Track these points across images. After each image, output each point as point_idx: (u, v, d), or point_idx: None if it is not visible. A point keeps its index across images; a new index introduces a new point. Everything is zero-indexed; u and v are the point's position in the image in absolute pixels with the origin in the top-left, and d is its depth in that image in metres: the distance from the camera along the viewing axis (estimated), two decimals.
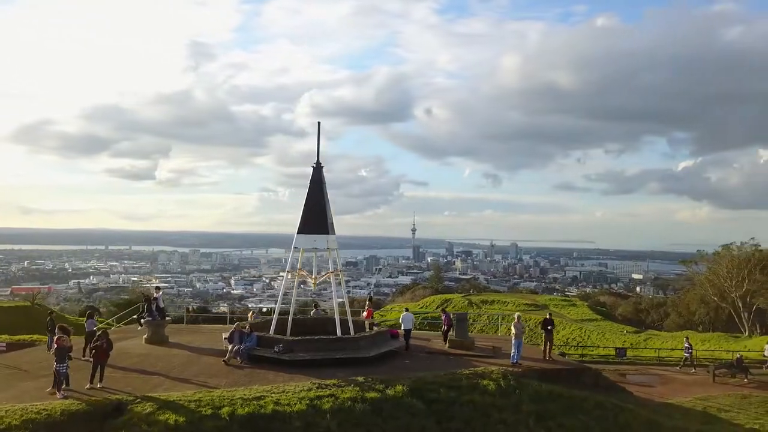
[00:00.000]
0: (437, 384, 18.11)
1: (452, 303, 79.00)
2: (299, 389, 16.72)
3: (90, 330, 20.81)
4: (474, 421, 16.77)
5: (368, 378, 18.00)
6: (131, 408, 14.93)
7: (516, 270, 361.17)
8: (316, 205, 22.49)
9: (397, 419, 16.07)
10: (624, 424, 18.17)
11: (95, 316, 22.03)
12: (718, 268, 77.35)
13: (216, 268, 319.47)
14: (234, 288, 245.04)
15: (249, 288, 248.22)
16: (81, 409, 14.72)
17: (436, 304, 79.50)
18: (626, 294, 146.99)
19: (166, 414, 14.52)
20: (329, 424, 15.10)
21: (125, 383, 17.07)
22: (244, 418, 14.76)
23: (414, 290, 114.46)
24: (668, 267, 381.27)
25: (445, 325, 24.53)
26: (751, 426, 20.10)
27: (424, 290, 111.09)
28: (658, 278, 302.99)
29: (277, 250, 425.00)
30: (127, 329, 27.97)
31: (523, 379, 19.25)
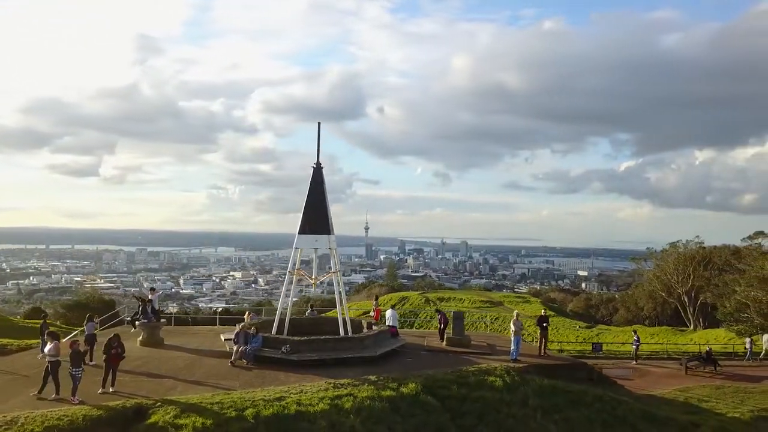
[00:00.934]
0: (447, 381, 18.54)
1: (409, 300, 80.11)
2: (317, 389, 16.86)
3: (90, 333, 20.29)
4: (486, 416, 17.26)
5: (380, 377, 18.27)
6: (152, 412, 14.76)
7: (466, 267, 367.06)
8: (318, 205, 22.56)
9: (414, 416, 16.42)
10: (622, 416, 19.02)
11: (95, 319, 21.44)
12: (666, 265, 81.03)
13: (164, 267, 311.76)
14: (183, 288, 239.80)
15: (198, 287, 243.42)
16: (102, 414, 14.47)
17: (393, 302, 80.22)
18: (574, 290, 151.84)
19: (191, 417, 14.42)
20: (353, 423, 15.30)
21: (136, 387, 16.82)
22: (270, 419, 14.79)
23: (370, 288, 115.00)
24: (611, 264, 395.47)
25: (442, 324, 24.99)
26: (732, 415, 21.35)
27: (380, 288, 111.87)
28: (602, 275, 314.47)
29: (226, 248, 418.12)
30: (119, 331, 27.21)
31: (525, 375, 19.90)
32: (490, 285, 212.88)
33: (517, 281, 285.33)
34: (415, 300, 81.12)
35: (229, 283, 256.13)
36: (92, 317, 20.99)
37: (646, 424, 19.03)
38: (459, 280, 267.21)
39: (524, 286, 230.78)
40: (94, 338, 20.32)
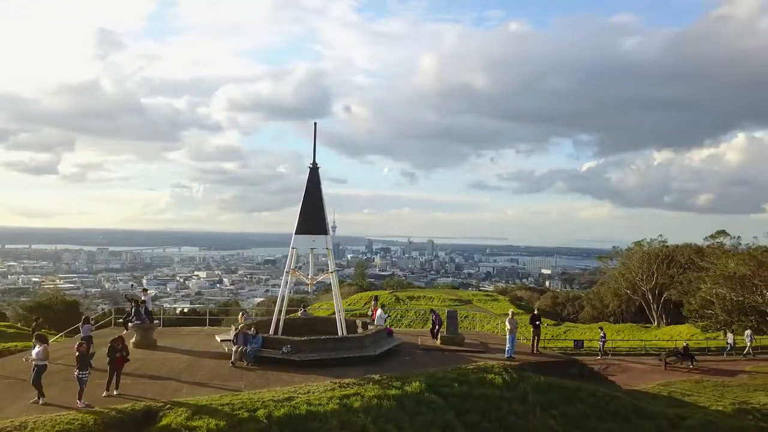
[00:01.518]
0: (448, 379, 18.85)
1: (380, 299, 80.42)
2: (323, 389, 16.95)
3: (86, 335, 19.89)
4: (488, 413, 17.61)
5: (383, 376, 18.47)
6: (163, 414, 14.64)
7: (433, 266, 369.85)
8: (315, 205, 22.62)
9: (421, 414, 16.66)
10: (615, 410, 19.65)
11: (91, 321, 21.03)
12: (631, 263, 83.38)
13: (126, 267, 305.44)
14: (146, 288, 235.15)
15: (162, 288, 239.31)
16: (113, 418, 14.29)
17: (364, 301, 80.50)
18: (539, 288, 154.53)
19: (204, 419, 14.36)
20: (364, 422, 15.45)
21: (141, 389, 16.64)
22: (282, 419, 14.84)
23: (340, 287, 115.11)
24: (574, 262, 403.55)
25: (436, 324, 25.28)
26: (716, 408, 22.24)
27: (350, 287, 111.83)
28: (565, 273, 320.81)
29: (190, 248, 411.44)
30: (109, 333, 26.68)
31: (522, 372, 20.35)
32: (456, 283, 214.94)
33: (482, 279, 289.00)
34: (386, 299, 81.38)
35: (193, 283, 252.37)
36: (88, 319, 20.62)
37: (638, 418, 19.70)
38: (425, 279, 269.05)
39: (489, 284, 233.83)
40: (90, 340, 19.95)
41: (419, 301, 79.48)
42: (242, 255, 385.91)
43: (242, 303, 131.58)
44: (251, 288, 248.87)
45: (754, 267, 52.96)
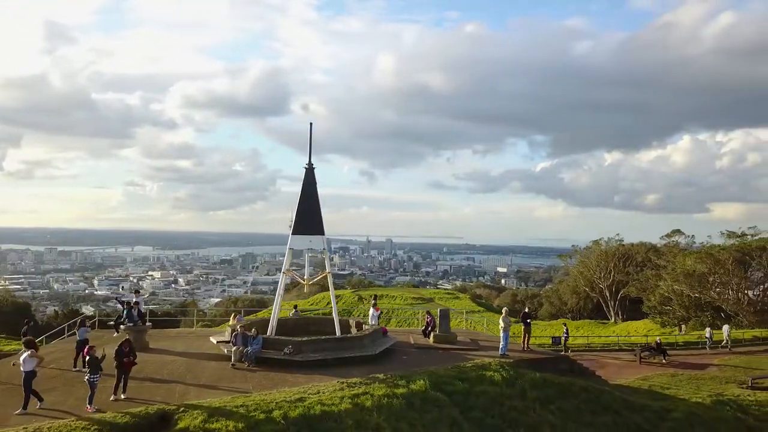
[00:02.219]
0: (450, 377, 19.21)
1: (342, 299, 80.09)
2: (332, 389, 17.06)
3: (82, 338, 19.34)
4: (490, 409, 18.05)
5: (387, 375, 18.69)
6: (178, 417, 14.51)
7: (391, 265, 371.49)
8: (311, 205, 22.65)
9: (428, 412, 16.97)
10: (606, 404, 20.39)
11: (87, 323, 20.47)
12: (589, 261, 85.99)
13: (76, 267, 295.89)
14: (98, 288, 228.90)
15: (115, 288, 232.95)
16: (128, 422, 14.09)
17: (327, 301, 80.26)
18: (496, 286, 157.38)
19: (221, 421, 14.31)
20: (377, 421, 15.66)
21: (148, 393, 16.42)
22: (298, 420, 14.90)
23: (300, 287, 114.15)
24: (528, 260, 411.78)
25: (430, 325, 25.64)
26: (695, 400, 23.27)
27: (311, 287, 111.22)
28: (521, 271, 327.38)
29: (144, 247, 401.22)
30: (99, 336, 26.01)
31: (518, 369, 20.89)
32: (414, 282, 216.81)
33: (440, 278, 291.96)
34: (348, 298, 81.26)
35: (147, 283, 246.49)
36: (84, 321, 20.05)
37: (628, 411, 20.48)
38: (385, 278, 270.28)
39: (447, 282, 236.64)
40: (86, 343, 19.43)
41: (382, 300, 79.22)
42: (197, 255, 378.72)
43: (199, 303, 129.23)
44: (207, 288, 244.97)
45: (711, 265, 55.43)
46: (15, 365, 15.52)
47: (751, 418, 22.48)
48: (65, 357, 20.78)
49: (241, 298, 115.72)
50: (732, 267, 54.02)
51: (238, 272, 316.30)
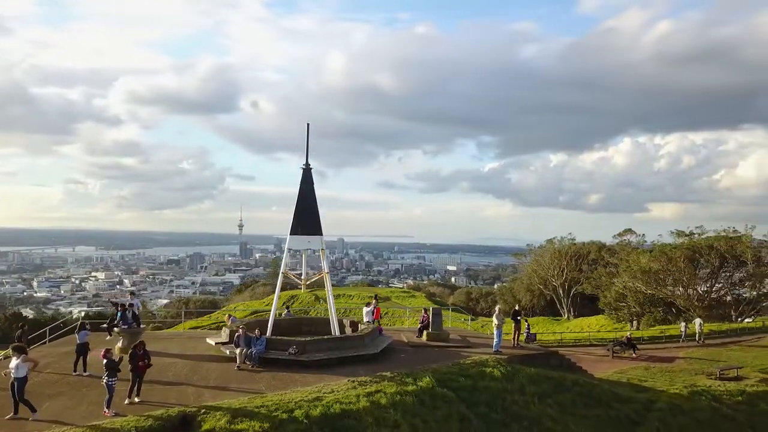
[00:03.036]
0: (453, 374, 19.70)
1: (299, 299, 79.30)
2: (345, 388, 17.28)
3: (82, 342, 18.81)
4: (494, 404, 18.64)
5: (394, 373, 19.01)
6: (201, 419, 14.47)
7: (343, 264, 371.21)
8: (309, 206, 22.72)
9: (438, 408, 17.42)
10: (597, 397, 21.34)
11: (87, 326, 19.86)
12: (543, 260, 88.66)
13: (13, 268, 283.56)
14: (37, 290, 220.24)
15: (55, 290, 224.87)
16: (152, 425, 13.94)
17: (283, 301, 79.61)
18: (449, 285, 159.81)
19: (245, 421, 14.36)
20: (395, 417, 16.01)
21: (161, 395, 16.24)
22: (319, 419, 15.08)
23: (253, 288, 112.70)
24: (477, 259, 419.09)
25: (423, 322, 26.06)
26: (674, 391, 24.57)
27: (264, 287, 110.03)
28: (470, 269, 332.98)
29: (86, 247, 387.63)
30: None
31: (514, 365, 21.59)
32: (366, 281, 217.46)
33: (391, 276, 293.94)
34: (305, 298, 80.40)
35: (90, 284, 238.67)
36: (84, 324, 19.47)
37: (617, 403, 21.49)
38: (336, 277, 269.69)
39: (398, 281, 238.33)
40: (87, 347, 18.96)
41: (339, 300, 78.93)
42: (143, 255, 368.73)
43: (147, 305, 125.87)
44: (154, 289, 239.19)
45: (664, 263, 58.07)
46: (6, 374, 14.62)
47: (725, 406, 23.89)
48: (58, 361, 20.29)
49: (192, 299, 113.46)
50: (684, 265, 56.77)
51: (186, 273, 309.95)
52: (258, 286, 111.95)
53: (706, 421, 22.33)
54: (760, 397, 25.23)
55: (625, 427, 20.33)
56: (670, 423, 21.23)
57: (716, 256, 56.44)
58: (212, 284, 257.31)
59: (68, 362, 19.23)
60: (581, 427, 19.35)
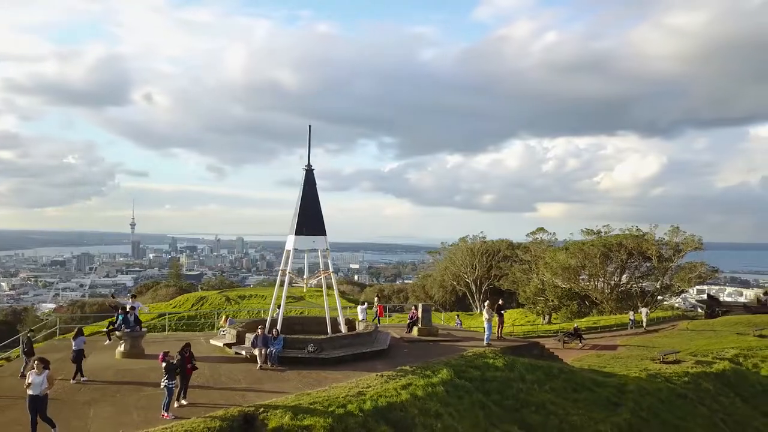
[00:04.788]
0: (463, 366, 20.93)
1: (209, 300, 77.28)
2: (377, 382, 17.98)
3: (78, 348, 18.08)
4: (504, 391, 20.08)
5: (413, 367, 19.95)
6: (264, 418, 14.69)
7: (243, 264, 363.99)
8: (312, 206, 22.99)
9: (462, 398, 18.58)
10: (581, 382, 23.40)
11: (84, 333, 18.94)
12: (455, 257, 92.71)
13: None
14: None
15: None
16: (220, 426, 14.01)
17: (191, 303, 77.67)
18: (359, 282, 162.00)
19: (308, 418, 14.75)
20: (435, 408, 16.97)
21: (205, 397, 16.22)
22: (372, 411, 15.74)
23: (155, 289, 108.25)
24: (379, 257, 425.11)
25: (412, 318, 27.03)
26: (634, 375, 27.23)
27: (168, 289, 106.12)
28: (372, 267, 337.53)
29: None
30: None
31: (508, 356, 23.18)
32: (269, 281, 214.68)
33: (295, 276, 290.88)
34: (215, 299, 78.25)
35: None
36: (81, 331, 18.63)
37: (596, 387, 23.64)
38: (237, 278, 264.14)
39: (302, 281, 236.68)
40: (82, 354, 18.27)
41: (251, 300, 78.08)
42: (23, 256, 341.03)
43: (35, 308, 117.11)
44: (37, 293, 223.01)
45: (581, 259, 62.84)
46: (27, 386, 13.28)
47: (678, 386, 26.89)
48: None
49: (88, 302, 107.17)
50: (598, 260, 61.77)
51: (73, 274, 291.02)
52: (160, 288, 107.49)
53: (666, 400, 25.04)
54: (701, 377, 28.52)
55: (608, 408, 22.45)
56: (641, 402, 23.64)
57: (625, 252, 61.85)
58: (103, 286, 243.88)
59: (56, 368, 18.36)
60: (576, 409, 21.26)
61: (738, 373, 30.02)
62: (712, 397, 26.76)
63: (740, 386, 28.77)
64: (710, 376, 28.58)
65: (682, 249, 59.83)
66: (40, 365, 13.38)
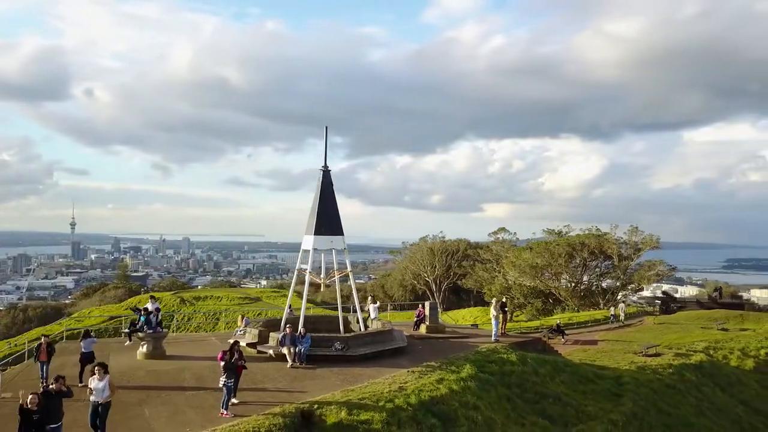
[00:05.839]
0: (482, 362, 21.68)
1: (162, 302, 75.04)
2: (411, 378, 18.53)
3: (87, 350, 17.62)
4: (522, 384, 20.99)
5: (438, 362, 20.58)
6: (321, 413, 15.02)
7: (190, 265, 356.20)
8: (330, 207, 23.25)
9: (489, 391, 19.34)
10: (585, 375, 24.59)
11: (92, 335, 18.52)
12: (415, 257, 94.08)
13: None
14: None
15: None
16: (282, 422, 14.24)
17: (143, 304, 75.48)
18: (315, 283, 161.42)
19: (364, 412, 15.19)
20: (473, 401, 17.69)
21: (254, 396, 16.44)
22: (419, 405, 16.34)
23: (103, 291, 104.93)
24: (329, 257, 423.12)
25: (419, 316, 27.60)
26: (626, 368, 28.69)
27: (117, 290, 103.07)
28: None
29: None
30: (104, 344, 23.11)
31: (519, 351, 24.11)
32: (217, 282, 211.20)
33: (243, 277, 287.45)
34: (169, 301, 76.23)
35: None
36: (89, 333, 18.20)
37: (598, 379, 24.89)
38: (183, 279, 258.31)
39: (251, 281, 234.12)
40: (92, 356, 17.81)
41: (207, 302, 76.25)
42: None
43: None
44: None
45: (548, 258, 64.92)
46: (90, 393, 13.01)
47: (665, 377, 28.51)
48: None
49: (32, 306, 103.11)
50: (563, 260, 63.99)
51: (9, 276, 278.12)
52: (108, 290, 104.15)
53: (659, 390, 26.53)
54: (683, 369, 30.25)
55: (611, 399, 23.69)
56: (638, 393, 25.01)
57: (587, 252, 64.31)
58: (42, 288, 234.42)
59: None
60: (586, 400, 22.39)
61: (713, 364, 32.00)
62: (696, 386, 28.46)
63: (717, 376, 30.67)
64: (690, 368, 30.32)
65: (641, 248, 62.61)
66: (101, 370, 13.10)
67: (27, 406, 10.68)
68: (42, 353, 16.58)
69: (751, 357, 34.00)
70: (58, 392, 11.42)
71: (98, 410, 12.77)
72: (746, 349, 35.06)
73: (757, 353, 34.62)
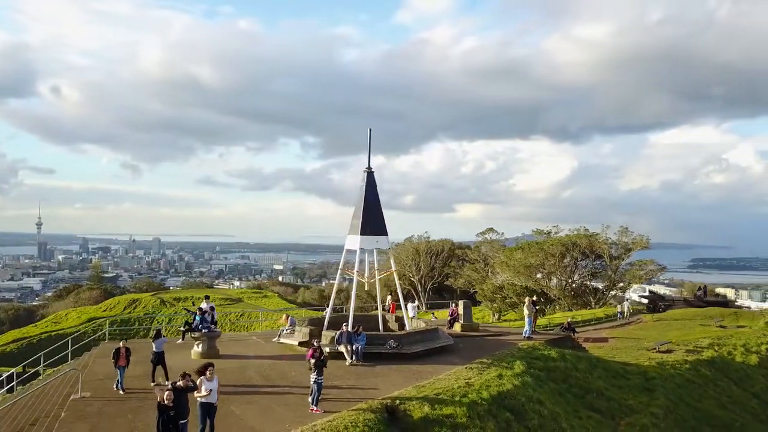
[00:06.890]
0: (527, 358, 22.28)
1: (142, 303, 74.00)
2: (472, 374, 19.02)
3: (159, 350, 17.70)
4: (567, 380, 21.69)
5: (491, 359, 21.12)
6: (405, 409, 15.41)
7: (160, 265, 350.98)
8: (375, 207, 23.56)
9: (541, 386, 19.95)
10: (616, 371, 25.42)
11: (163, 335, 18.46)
12: (400, 257, 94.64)
13: None
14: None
15: None
16: (372, 418, 14.56)
17: (123, 306, 74.82)
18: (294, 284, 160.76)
19: (444, 407, 15.67)
20: (534, 395, 18.27)
21: (331, 394, 16.63)
22: (491, 400, 16.87)
23: (78, 293, 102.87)
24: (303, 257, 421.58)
25: (452, 315, 28.13)
26: (648, 364, 29.65)
27: (91, 292, 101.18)
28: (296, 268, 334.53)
29: None
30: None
31: (554, 348, 24.79)
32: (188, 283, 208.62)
33: (215, 278, 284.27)
34: (149, 302, 75.08)
35: None
36: (160, 333, 18.18)
37: (629, 375, 25.77)
38: (156, 279, 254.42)
39: (223, 282, 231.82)
40: (163, 355, 17.89)
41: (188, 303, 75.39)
42: None
43: None
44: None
45: (542, 257, 66.07)
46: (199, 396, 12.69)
47: (684, 373, 29.57)
48: None
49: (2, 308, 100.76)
50: (557, 259, 65.24)
51: None
52: (83, 291, 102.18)
53: (682, 385, 27.56)
54: (698, 364, 31.40)
55: (643, 393, 24.58)
56: (666, 388, 25.98)
57: (578, 251, 65.69)
58: (7, 290, 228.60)
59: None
60: (624, 395, 23.19)
61: (723, 360, 33.24)
62: (712, 381, 29.57)
63: (728, 371, 31.87)
64: (704, 363, 31.44)
65: (631, 248, 64.20)
66: (213, 370, 13.12)
67: (164, 402, 10.82)
68: (122, 358, 16.56)
69: (753, 352, 35.26)
70: (185, 388, 11.56)
71: (210, 410, 12.70)
72: (748, 345, 36.32)
73: (758, 349, 35.92)
